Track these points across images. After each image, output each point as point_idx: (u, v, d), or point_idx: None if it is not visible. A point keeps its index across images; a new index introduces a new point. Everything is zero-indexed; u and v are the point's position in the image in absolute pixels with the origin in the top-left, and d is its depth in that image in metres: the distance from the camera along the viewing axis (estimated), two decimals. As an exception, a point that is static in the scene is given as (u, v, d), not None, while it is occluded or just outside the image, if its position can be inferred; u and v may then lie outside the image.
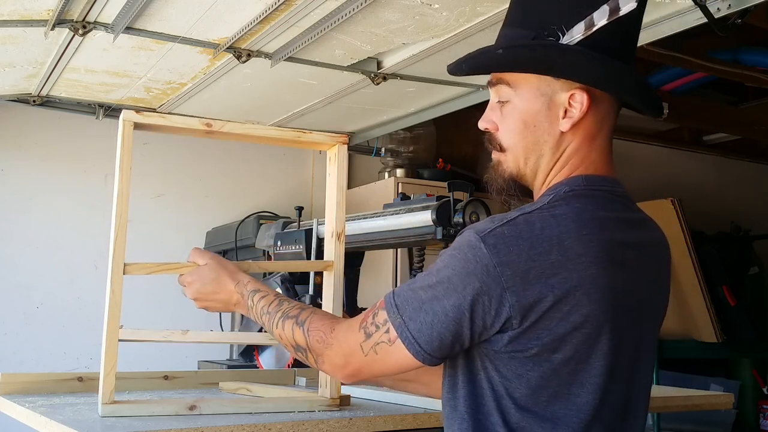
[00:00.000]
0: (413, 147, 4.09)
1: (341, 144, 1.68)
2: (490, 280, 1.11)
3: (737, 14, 2.15)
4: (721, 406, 2.23)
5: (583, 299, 1.12)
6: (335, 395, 1.62)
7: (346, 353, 1.25)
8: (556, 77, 1.21)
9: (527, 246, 1.12)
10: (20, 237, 3.59)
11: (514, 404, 1.16)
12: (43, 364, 3.42)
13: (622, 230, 1.21)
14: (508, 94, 1.25)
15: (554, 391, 1.15)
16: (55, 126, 3.69)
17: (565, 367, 1.15)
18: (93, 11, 2.37)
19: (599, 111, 1.23)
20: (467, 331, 1.14)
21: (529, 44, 1.22)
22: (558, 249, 1.12)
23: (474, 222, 1.83)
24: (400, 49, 2.72)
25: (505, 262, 1.11)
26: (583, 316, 1.13)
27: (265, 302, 1.42)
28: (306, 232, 2.23)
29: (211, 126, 1.58)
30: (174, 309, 3.79)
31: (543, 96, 1.22)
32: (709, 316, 3.89)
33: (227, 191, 4.05)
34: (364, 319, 1.24)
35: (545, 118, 1.22)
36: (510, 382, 1.16)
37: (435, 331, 1.14)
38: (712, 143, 5.27)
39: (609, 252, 1.16)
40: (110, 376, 1.45)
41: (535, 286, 1.11)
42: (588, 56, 1.19)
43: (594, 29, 1.18)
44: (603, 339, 1.15)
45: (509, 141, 1.26)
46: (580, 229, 1.14)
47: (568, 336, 1.13)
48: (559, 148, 1.23)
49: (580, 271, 1.12)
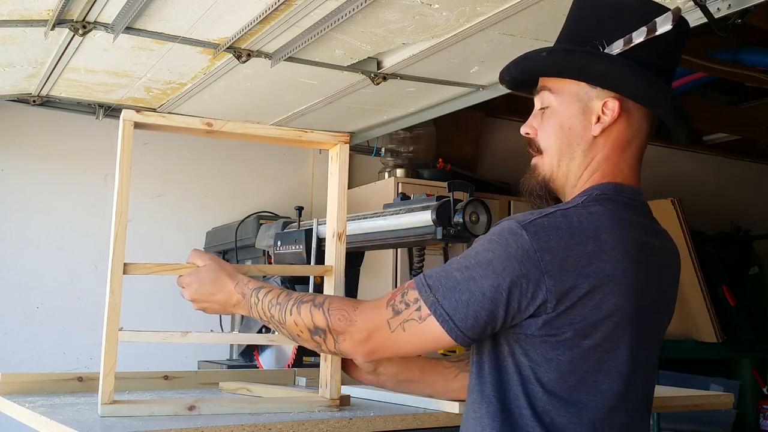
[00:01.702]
0: (413, 147, 4.09)
1: (343, 143, 1.68)
2: (529, 265, 1.17)
3: (737, 14, 2.15)
4: (721, 406, 2.23)
5: (615, 289, 1.20)
6: (335, 396, 1.62)
7: (370, 329, 1.28)
8: (591, 84, 1.31)
9: (566, 235, 1.19)
10: (20, 237, 3.59)
11: (541, 388, 1.21)
12: (43, 364, 3.42)
13: (646, 234, 1.29)
14: (549, 100, 1.35)
15: (581, 376, 1.21)
16: (55, 126, 3.69)
17: (593, 354, 1.21)
18: (93, 11, 2.37)
19: (631, 122, 1.32)
20: (502, 312, 1.19)
21: (570, 49, 1.33)
22: (594, 241, 1.20)
23: (474, 222, 1.84)
24: (400, 49, 2.72)
25: (545, 248, 1.17)
26: (614, 305, 1.20)
27: (273, 295, 1.42)
28: (306, 232, 2.23)
29: (211, 125, 1.57)
30: (174, 309, 3.79)
31: (579, 101, 1.32)
32: (709, 316, 3.89)
33: (227, 191, 4.05)
34: (392, 298, 1.27)
35: (579, 122, 1.31)
36: (539, 366, 1.21)
37: (471, 310, 1.19)
38: (712, 143, 5.27)
39: (637, 249, 1.24)
40: (109, 377, 1.45)
41: (572, 273, 1.17)
42: (622, 66, 1.28)
43: (632, 45, 1.28)
44: (629, 330, 1.23)
45: (546, 142, 1.35)
46: (613, 226, 1.23)
47: (599, 324, 1.19)
48: (590, 152, 1.32)
49: (614, 263, 1.20)
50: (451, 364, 1.61)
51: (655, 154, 5.24)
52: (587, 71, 1.31)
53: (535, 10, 2.27)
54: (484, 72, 2.93)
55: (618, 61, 1.29)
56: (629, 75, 1.28)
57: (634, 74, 1.28)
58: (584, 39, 1.33)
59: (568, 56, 1.33)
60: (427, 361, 1.64)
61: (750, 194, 5.60)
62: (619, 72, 1.28)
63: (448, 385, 1.59)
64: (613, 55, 1.29)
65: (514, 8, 2.25)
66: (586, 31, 1.34)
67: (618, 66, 1.29)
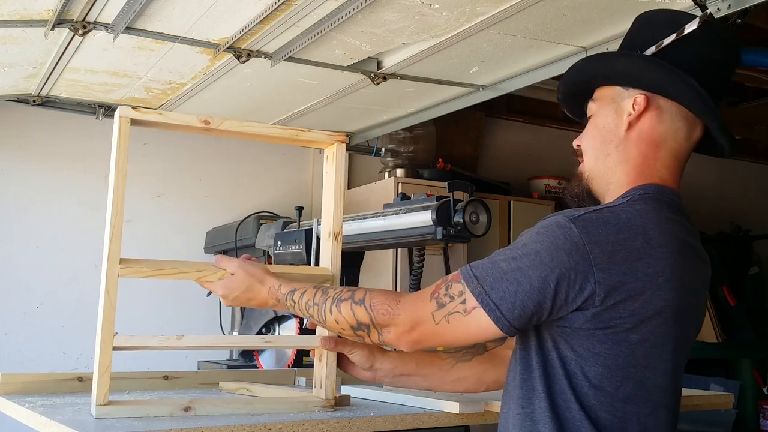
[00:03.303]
0: (413, 147, 4.08)
1: (340, 142, 1.67)
2: (578, 257, 1.18)
3: (737, 14, 2.15)
4: (721, 406, 2.23)
5: (664, 286, 1.22)
6: (330, 396, 1.62)
7: (414, 321, 1.30)
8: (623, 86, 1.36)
9: (614, 230, 1.21)
10: (20, 237, 3.59)
11: (587, 383, 1.22)
12: (43, 364, 3.43)
13: (688, 234, 1.32)
14: (591, 109, 1.42)
15: (628, 371, 1.22)
16: (55, 126, 3.69)
17: (640, 349, 1.22)
18: (93, 11, 2.37)
19: (662, 118, 1.35)
20: (549, 303, 1.20)
21: (596, 55, 1.41)
22: (643, 237, 1.22)
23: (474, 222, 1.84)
24: (400, 49, 2.72)
25: (594, 241, 1.19)
26: (663, 301, 1.22)
27: (308, 296, 1.45)
28: (306, 232, 2.23)
29: (208, 123, 1.57)
30: (174, 308, 3.80)
31: (614, 103, 1.37)
32: (709, 316, 3.89)
33: (227, 191, 4.05)
34: (435, 291, 1.29)
35: (612, 121, 1.37)
36: (585, 360, 1.23)
37: (518, 299, 1.20)
38: (712, 143, 5.26)
39: (682, 248, 1.27)
40: (104, 377, 1.45)
41: (621, 267, 1.19)
42: (643, 60, 1.34)
43: (662, 47, 1.34)
44: (675, 327, 1.25)
45: (586, 145, 1.42)
46: (660, 224, 1.25)
47: (647, 319, 1.21)
48: (624, 148, 1.36)
49: (662, 260, 1.22)
50: (447, 356, 1.62)
51: (655, 154, 5.24)
52: (613, 72, 1.37)
53: (535, 10, 2.27)
54: (484, 72, 2.93)
55: (643, 58, 1.34)
56: (648, 67, 1.33)
57: (652, 66, 1.33)
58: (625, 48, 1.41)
59: (596, 61, 1.41)
60: (423, 354, 1.64)
61: (750, 194, 5.60)
62: (642, 68, 1.34)
63: (445, 376, 1.60)
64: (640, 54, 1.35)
65: (514, 8, 2.25)
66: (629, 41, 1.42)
67: (638, 61, 1.34)
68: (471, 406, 1.65)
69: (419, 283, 2.06)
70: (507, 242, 4.13)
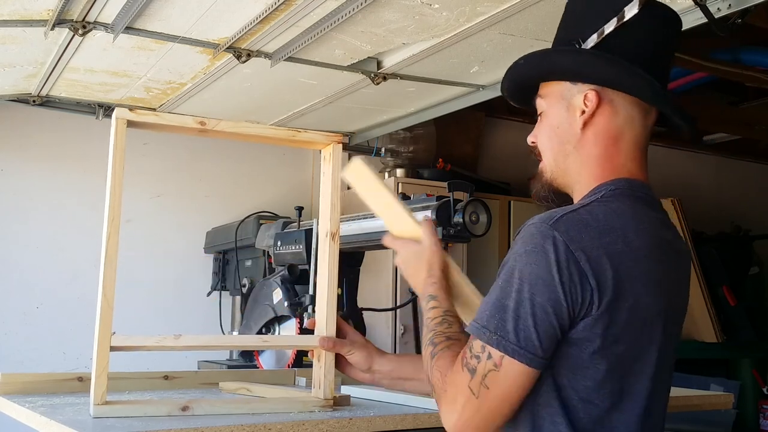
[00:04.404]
0: (413, 147, 4.08)
1: (336, 143, 1.67)
2: (572, 266, 1.14)
3: (737, 14, 2.15)
4: (721, 406, 2.24)
5: (642, 290, 1.20)
6: (329, 396, 1.62)
7: (456, 401, 1.18)
8: (571, 81, 1.32)
9: (597, 234, 1.18)
10: (20, 237, 3.59)
11: (576, 396, 1.19)
12: (43, 364, 3.42)
13: (662, 229, 1.30)
14: (541, 105, 1.38)
15: (614, 381, 1.20)
16: (55, 126, 3.69)
17: (626, 357, 1.20)
18: (93, 11, 2.37)
19: (617, 111, 1.31)
20: (567, 321, 1.15)
21: (541, 51, 1.36)
22: (623, 240, 1.19)
23: (474, 222, 1.83)
24: (400, 49, 2.72)
25: (581, 248, 1.16)
26: (643, 305, 1.20)
27: (432, 315, 1.37)
28: (306, 232, 2.23)
29: (204, 124, 1.57)
30: (175, 308, 3.80)
31: (564, 100, 1.33)
32: (709, 316, 3.89)
33: (227, 191, 4.05)
34: (463, 356, 1.20)
35: (566, 120, 1.33)
36: (576, 372, 1.18)
37: (540, 330, 1.14)
38: (712, 143, 5.27)
39: (659, 248, 1.25)
40: (102, 377, 1.45)
41: (607, 273, 1.16)
42: (592, 57, 1.29)
43: (604, 35, 1.28)
44: (657, 330, 1.23)
45: (543, 145, 1.38)
46: (637, 224, 1.23)
47: (631, 325, 1.19)
48: (582, 147, 1.32)
49: (640, 263, 1.20)
50: None
51: (655, 154, 5.22)
52: (561, 68, 1.33)
53: (535, 10, 2.27)
54: (484, 72, 2.93)
55: (588, 53, 1.30)
56: (599, 63, 1.29)
57: (600, 61, 1.29)
58: (564, 41, 1.35)
59: (540, 58, 1.36)
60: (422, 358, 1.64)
61: (750, 194, 5.60)
62: (589, 63, 1.30)
63: None
64: (584, 48, 1.30)
65: (514, 8, 2.25)
66: (566, 33, 1.36)
67: (588, 57, 1.29)
68: (471, 406, 1.65)
69: (419, 283, 2.06)
70: (507, 242, 4.13)
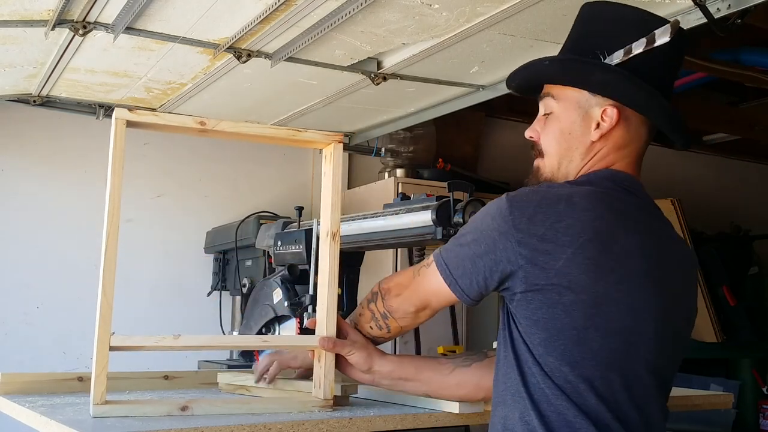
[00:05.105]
0: (413, 147, 4.08)
1: (337, 142, 1.67)
2: (501, 222, 1.28)
3: (737, 14, 2.15)
4: (721, 406, 2.24)
5: (589, 246, 1.24)
6: (329, 396, 1.62)
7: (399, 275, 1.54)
8: (591, 92, 1.37)
9: (539, 197, 1.28)
10: (20, 237, 3.59)
11: (542, 349, 1.26)
12: (43, 364, 3.42)
13: (637, 211, 1.34)
14: (552, 106, 1.42)
15: (569, 333, 1.24)
16: (55, 126, 3.68)
17: (577, 310, 1.24)
18: (93, 11, 2.37)
19: (629, 128, 1.38)
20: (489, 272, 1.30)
21: (572, 59, 1.40)
22: (566, 202, 1.27)
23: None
24: (400, 49, 2.72)
25: (517, 206, 1.28)
26: (587, 260, 1.24)
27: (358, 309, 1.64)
28: (306, 232, 2.23)
29: (204, 124, 1.57)
30: (175, 308, 3.80)
31: (580, 108, 1.38)
32: (709, 316, 3.89)
33: (227, 191, 4.05)
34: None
35: (579, 128, 1.39)
36: (529, 328, 1.27)
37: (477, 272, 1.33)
38: (712, 143, 5.27)
39: (619, 216, 1.30)
40: (101, 377, 1.45)
41: (539, 227, 1.25)
42: (622, 77, 1.34)
43: (631, 55, 1.34)
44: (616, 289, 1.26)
45: (548, 146, 1.43)
46: (591, 192, 1.30)
47: (575, 279, 1.23)
48: (587, 155, 1.39)
49: (586, 222, 1.26)
50: (447, 361, 1.61)
51: (655, 154, 5.21)
52: (588, 80, 1.37)
53: (535, 11, 2.27)
54: (484, 72, 2.93)
55: (617, 71, 1.34)
56: (628, 85, 1.34)
57: (632, 84, 1.34)
58: (586, 49, 1.39)
59: (570, 65, 1.40)
60: (423, 358, 1.64)
61: (750, 194, 5.60)
62: (618, 81, 1.35)
63: (444, 380, 1.59)
64: (613, 65, 1.35)
65: (514, 8, 2.25)
66: (588, 41, 1.40)
67: (617, 76, 1.35)
68: (471, 406, 1.65)
69: (419, 283, 2.06)
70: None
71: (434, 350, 3.60)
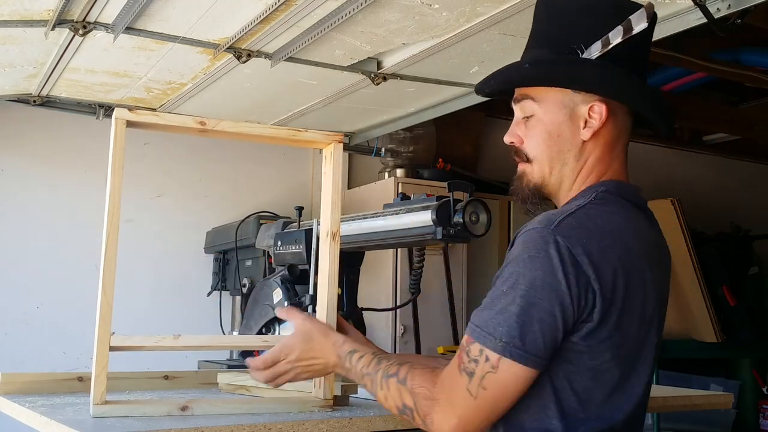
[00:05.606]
0: (413, 147, 4.08)
1: (337, 142, 1.67)
2: (575, 271, 1.14)
3: (737, 14, 2.15)
4: (720, 406, 2.24)
5: (641, 292, 1.21)
6: (329, 396, 1.62)
7: (455, 404, 1.19)
8: (577, 90, 1.30)
9: (597, 237, 1.18)
10: (20, 237, 3.59)
11: (575, 397, 1.19)
12: (43, 364, 3.42)
13: (651, 230, 1.31)
14: (532, 108, 1.33)
15: (615, 383, 1.21)
16: (55, 126, 3.68)
17: (628, 358, 1.21)
18: (93, 11, 2.37)
19: (618, 122, 1.32)
20: (571, 324, 1.16)
21: (554, 59, 1.32)
22: (620, 243, 1.20)
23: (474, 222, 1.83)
24: (400, 49, 2.72)
25: (582, 252, 1.16)
26: (641, 307, 1.21)
27: (364, 362, 1.38)
28: (306, 232, 2.23)
29: (205, 124, 1.57)
30: (175, 308, 3.80)
31: (565, 108, 1.31)
32: (709, 316, 3.89)
33: (227, 191, 4.05)
34: (459, 361, 1.21)
35: (567, 129, 1.31)
36: (576, 375, 1.19)
37: (546, 334, 1.15)
38: (712, 143, 5.27)
39: (653, 249, 1.27)
40: (101, 377, 1.45)
41: (608, 276, 1.16)
42: (606, 70, 1.29)
43: (610, 47, 1.27)
44: (653, 328, 1.25)
45: (535, 151, 1.34)
46: (632, 227, 1.25)
47: (630, 328, 1.20)
48: (581, 156, 1.32)
49: (637, 266, 1.21)
50: (446, 361, 1.61)
51: (656, 154, 5.25)
52: (573, 79, 1.30)
53: (535, 11, 2.27)
54: (484, 72, 2.91)
55: (601, 65, 1.29)
56: (613, 78, 1.29)
57: (616, 76, 1.29)
58: (558, 41, 1.32)
59: (552, 66, 1.32)
60: (424, 359, 1.63)
61: (750, 194, 5.60)
62: (604, 76, 1.29)
63: None
64: (593, 59, 1.29)
65: (514, 8, 2.25)
66: (561, 33, 1.33)
67: (601, 70, 1.29)
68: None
69: (419, 283, 2.06)
70: (507, 242, 4.12)
71: (434, 350, 3.60)
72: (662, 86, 4.01)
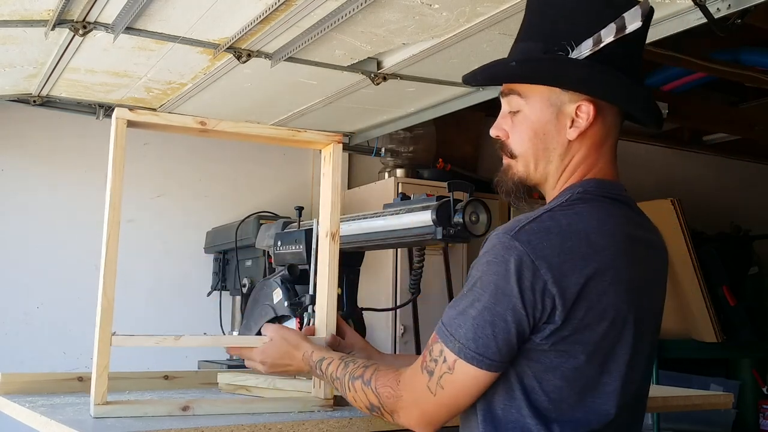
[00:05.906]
0: (413, 147, 4.08)
1: (336, 143, 1.67)
2: (531, 276, 1.15)
3: (737, 14, 2.15)
4: (720, 406, 2.24)
5: (611, 290, 1.18)
6: (329, 396, 1.62)
7: (416, 401, 1.25)
8: (565, 90, 1.27)
9: (559, 240, 1.17)
10: (20, 237, 3.59)
11: (546, 397, 1.19)
12: (43, 364, 3.42)
13: (632, 227, 1.28)
14: (519, 104, 1.33)
15: (585, 381, 1.20)
16: (55, 126, 3.69)
17: (597, 357, 1.20)
18: (93, 11, 2.37)
19: (605, 121, 1.30)
20: (527, 328, 1.17)
21: (541, 58, 1.29)
22: (586, 243, 1.18)
23: (474, 222, 1.83)
24: (400, 49, 2.72)
25: (541, 256, 1.15)
26: (611, 306, 1.19)
27: (333, 367, 1.45)
28: (306, 232, 2.23)
29: (205, 124, 1.57)
30: (175, 308, 3.80)
31: (552, 106, 1.29)
32: (709, 316, 3.89)
33: (227, 191, 4.05)
34: (423, 360, 1.25)
35: (554, 127, 1.30)
36: (544, 374, 1.19)
37: (499, 338, 1.17)
38: (712, 143, 5.27)
39: (628, 246, 1.23)
40: (102, 377, 1.45)
41: (570, 278, 1.15)
42: (595, 70, 1.25)
43: (601, 45, 1.24)
44: (627, 329, 1.22)
45: (520, 148, 1.34)
46: (601, 225, 1.22)
47: (598, 326, 1.18)
48: (566, 155, 1.30)
49: (607, 263, 1.19)
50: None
51: (655, 154, 5.26)
52: (559, 78, 1.28)
53: (535, 10, 2.27)
54: (484, 72, 2.93)
55: (590, 65, 1.26)
56: (602, 78, 1.26)
57: (606, 76, 1.26)
58: (549, 36, 1.29)
59: (540, 66, 1.29)
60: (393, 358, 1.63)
61: (750, 194, 5.60)
62: (591, 76, 1.26)
63: None
64: (583, 57, 1.25)
65: (514, 8, 2.25)
66: (552, 28, 1.30)
67: (590, 70, 1.26)
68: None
69: (419, 283, 2.06)
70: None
71: (434, 350, 3.60)
72: (662, 86, 4.01)
